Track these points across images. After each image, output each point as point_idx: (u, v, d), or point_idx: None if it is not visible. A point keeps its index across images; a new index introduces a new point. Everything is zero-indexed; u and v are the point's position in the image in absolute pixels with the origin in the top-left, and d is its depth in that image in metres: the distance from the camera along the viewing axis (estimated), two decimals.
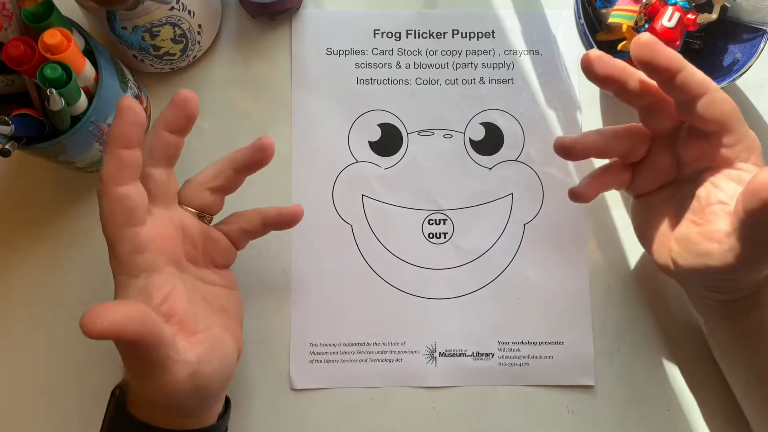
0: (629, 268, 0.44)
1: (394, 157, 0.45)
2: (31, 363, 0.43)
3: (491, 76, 0.46)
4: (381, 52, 0.47)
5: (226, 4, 0.47)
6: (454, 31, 0.47)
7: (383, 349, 0.43)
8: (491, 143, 0.45)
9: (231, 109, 0.46)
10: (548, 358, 0.43)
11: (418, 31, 0.47)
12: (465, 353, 0.43)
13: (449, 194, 0.45)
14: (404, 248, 0.44)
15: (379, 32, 0.47)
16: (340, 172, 0.45)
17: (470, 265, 0.44)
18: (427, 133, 0.45)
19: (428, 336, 0.43)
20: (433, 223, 0.44)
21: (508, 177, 0.45)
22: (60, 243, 0.44)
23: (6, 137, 0.34)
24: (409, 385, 0.43)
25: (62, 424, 0.42)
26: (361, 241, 0.44)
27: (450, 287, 0.44)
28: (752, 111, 0.46)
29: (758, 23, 0.40)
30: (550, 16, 0.47)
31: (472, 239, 0.44)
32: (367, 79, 0.46)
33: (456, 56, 0.47)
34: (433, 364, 0.43)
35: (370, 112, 0.46)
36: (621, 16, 0.40)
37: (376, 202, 0.45)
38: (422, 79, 0.46)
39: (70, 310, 0.43)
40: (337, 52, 0.46)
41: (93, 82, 0.37)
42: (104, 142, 0.40)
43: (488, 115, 0.46)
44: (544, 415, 0.42)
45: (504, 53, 0.47)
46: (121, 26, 0.38)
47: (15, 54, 0.34)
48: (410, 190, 0.45)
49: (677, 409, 0.42)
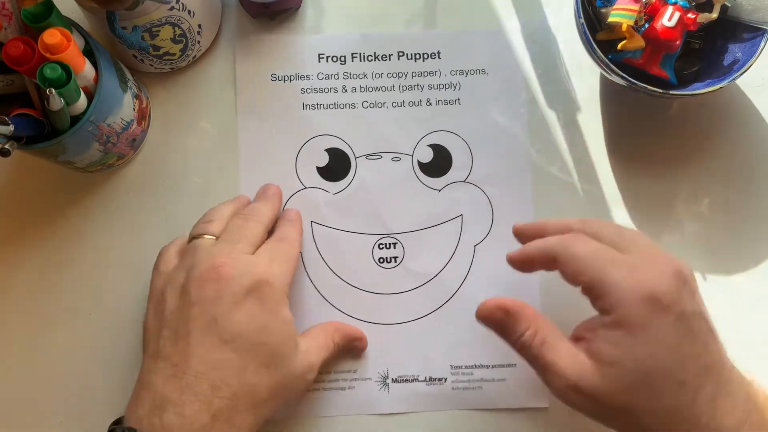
0: None
1: (342, 182, 0.45)
2: (31, 363, 0.43)
3: (438, 98, 0.46)
4: (326, 77, 0.46)
5: (226, 4, 0.47)
6: (400, 53, 0.46)
7: (335, 378, 0.42)
8: (440, 165, 0.45)
9: (230, 109, 0.46)
10: (501, 380, 0.42)
11: (364, 54, 0.46)
12: (418, 378, 0.43)
13: (399, 218, 0.44)
14: (355, 274, 0.44)
15: (324, 56, 0.46)
16: (289, 198, 0.44)
17: (421, 289, 0.44)
18: (375, 156, 0.45)
19: (380, 362, 0.43)
20: (384, 247, 0.44)
21: (457, 198, 0.45)
22: (60, 243, 0.44)
23: (6, 137, 0.34)
24: (363, 412, 0.42)
25: (62, 424, 0.42)
26: (311, 269, 0.44)
27: (401, 312, 0.43)
28: (752, 111, 0.46)
29: (758, 22, 0.40)
30: (550, 16, 0.47)
31: (422, 262, 0.44)
32: (313, 104, 0.46)
33: (402, 78, 0.46)
34: (385, 390, 0.42)
35: (318, 137, 0.45)
36: (621, 16, 0.40)
37: (326, 228, 0.44)
38: (369, 102, 0.46)
39: (70, 310, 0.43)
40: (282, 77, 0.46)
41: (93, 82, 0.37)
42: (103, 142, 0.40)
43: (436, 136, 0.45)
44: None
45: (450, 74, 0.46)
46: (121, 26, 0.38)
47: (15, 54, 0.34)
48: (360, 215, 0.44)
49: None
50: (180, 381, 0.34)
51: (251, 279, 0.36)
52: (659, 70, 0.42)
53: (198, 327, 0.35)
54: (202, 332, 0.35)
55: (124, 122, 0.41)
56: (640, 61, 0.42)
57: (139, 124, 0.43)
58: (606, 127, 0.46)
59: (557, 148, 0.45)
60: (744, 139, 0.46)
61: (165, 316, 0.36)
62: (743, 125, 0.46)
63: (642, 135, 0.46)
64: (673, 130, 0.46)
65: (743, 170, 0.45)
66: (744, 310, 0.43)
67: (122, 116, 0.40)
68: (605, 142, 0.46)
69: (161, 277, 0.38)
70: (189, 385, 0.34)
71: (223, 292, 0.35)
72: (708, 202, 0.45)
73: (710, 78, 0.41)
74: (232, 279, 0.36)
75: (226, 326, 0.35)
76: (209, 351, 0.34)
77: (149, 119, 0.45)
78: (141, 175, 0.45)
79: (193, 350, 0.34)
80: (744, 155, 0.45)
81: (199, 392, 0.34)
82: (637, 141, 0.46)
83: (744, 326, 0.43)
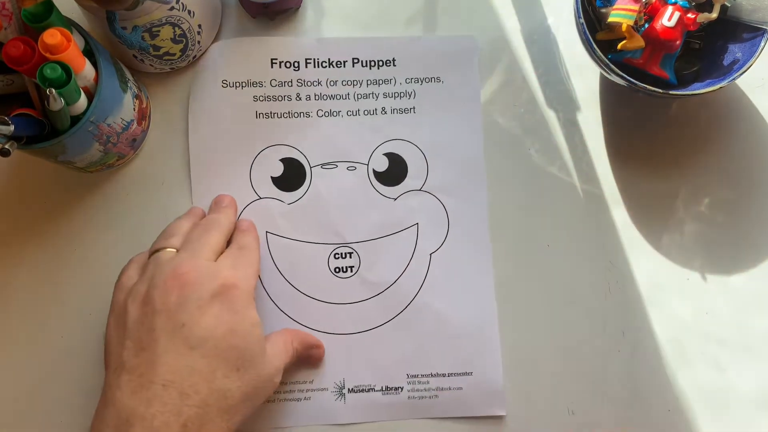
0: (629, 267, 0.44)
1: (297, 192, 0.44)
2: (31, 363, 0.43)
3: (393, 106, 0.46)
4: (280, 84, 0.45)
5: (226, 4, 0.47)
6: (355, 59, 0.46)
7: (291, 388, 0.42)
8: (395, 174, 0.45)
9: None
10: (458, 389, 0.42)
11: (318, 59, 0.46)
12: (374, 388, 0.42)
13: (355, 227, 0.44)
14: (310, 284, 0.43)
15: (276, 62, 0.46)
16: (243, 209, 0.44)
17: (377, 298, 0.43)
18: (331, 166, 0.45)
19: (336, 372, 0.42)
20: (339, 257, 0.44)
21: (413, 207, 0.44)
22: (60, 243, 0.44)
23: (6, 137, 0.34)
24: (319, 423, 0.42)
25: (62, 424, 0.42)
26: (266, 279, 0.43)
27: (357, 321, 0.43)
28: (752, 111, 0.46)
29: (758, 22, 0.40)
30: (550, 16, 0.47)
31: (378, 272, 0.44)
32: (266, 113, 0.45)
33: (357, 86, 0.46)
34: (342, 400, 0.42)
35: (272, 147, 0.45)
36: (621, 16, 0.40)
37: (281, 239, 0.44)
38: (323, 111, 0.45)
39: (70, 310, 0.43)
40: (233, 84, 0.45)
41: (93, 82, 0.37)
42: (103, 142, 0.40)
43: (391, 145, 0.45)
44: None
45: (405, 81, 0.46)
46: (121, 26, 0.38)
47: (15, 54, 0.34)
48: (315, 225, 0.44)
49: (677, 409, 0.42)
50: (146, 392, 0.32)
51: (217, 283, 0.36)
52: (659, 70, 0.42)
53: (164, 334, 0.34)
54: (168, 339, 0.34)
55: (124, 122, 0.41)
56: (640, 61, 0.42)
57: (139, 124, 0.43)
58: (606, 127, 0.46)
59: (557, 148, 0.45)
60: (744, 139, 0.46)
61: (127, 326, 0.35)
62: (743, 125, 0.46)
63: (642, 135, 0.46)
64: (673, 130, 0.46)
65: (743, 170, 0.45)
66: (744, 310, 0.43)
67: (122, 116, 0.40)
68: (605, 142, 0.46)
69: (123, 291, 0.37)
70: (156, 396, 0.32)
71: (189, 297, 0.35)
72: (708, 202, 0.45)
73: (710, 78, 0.41)
74: (197, 284, 0.35)
75: (194, 331, 0.34)
76: (176, 358, 0.33)
77: (149, 119, 0.45)
78: (141, 175, 0.45)
79: (159, 358, 0.33)
80: (744, 155, 0.45)
81: (168, 402, 0.32)
82: (637, 141, 0.46)
83: (744, 326, 0.43)
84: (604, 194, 0.45)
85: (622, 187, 0.45)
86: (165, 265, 0.36)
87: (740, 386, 0.43)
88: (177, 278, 0.35)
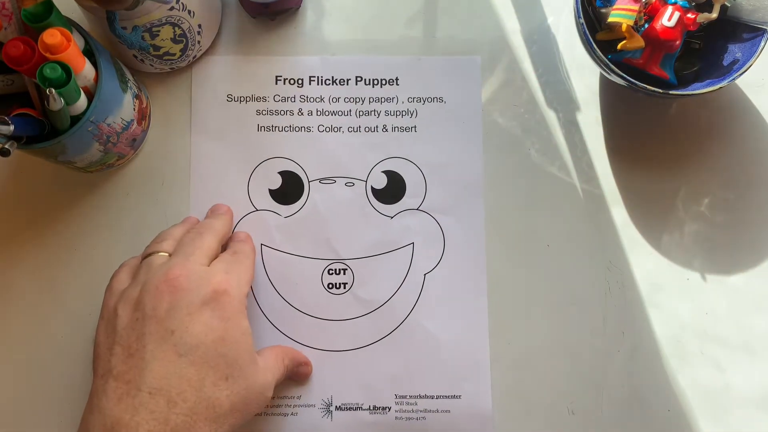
0: (629, 267, 0.44)
1: (294, 206, 0.44)
2: (31, 363, 0.43)
3: (394, 124, 0.46)
4: (283, 99, 0.46)
5: (226, 4, 0.47)
6: (358, 78, 0.46)
7: (278, 403, 0.42)
8: (393, 192, 0.45)
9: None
10: (445, 412, 0.42)
11: (321, 77, 0.46)
12: (362, 407, 0.42)
13: (350, 243, 0.44)
14: (302, 299, 0.43)
15: (281, 78, 0.46)
16: (240, 220, 0.44)
17: (369, 316, 0.43)
18: (329, 181, 0.45)
19: (324, 389, 0.42)
20: (333, 273, 0.44)
21: (409, 226, 0.44)
22: (60, 243, 0.44)
23: (6, 137, 0.34)
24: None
25: (62, 423, 0.42)
26: (259, 292, 0.43)
27: (348, 339, 0.43)
28: (752, 111, 0.46)
29: (758, 22, 0.40)
30: (550, 16, 0.47)
31: (371, 290, 0.44)
32: (268, 126, 0.45)
33: (359, 103, 0.46)
34: (328, 418, 0.42)
35: (271, 159, 0.45)
36: (621, 16, 0.40)
37: (276, 252, 0.44)
38: (325, 126, 0.45)
39: (70, 310, 0.43)
40: (237, 98, 0.46)
41: (93, 82, 0.37)
42: (103, 142, 0.40)
43: (391, 163, 0.45)
44: None
45: (407, 100, 0.46)
46: (121, 26, 0.38)
47: (15, 54, 0.34)
48: (310, 240, 0.44)
49: (677, 409, 0.42)
50: (133, 400, 0.32)
51: (208, 289, 0.35)
52: (659, 70, 0.42)
53: (153, 340, 0.33)
54: (158, 345, 0.33)
55: (124, 122, 0.41)
56: (640, 61, 0.42)
57: (139, 124, 0.43)
58: (606, 127, 0.46)
59: (557, 148, 0.45)
60: (744, 139, 0.46)
61: (117, 332, 0.35)
62: (743, 125, 0.46)
63: (642, 135, 0.46)
64: (673, 130, 0.46)
65: (743, 170, 0.45)
66: (744, 310, 0.43)
67: (122, 116, 0.40)
68: (605, 142, 0.46)
69: (114, 296, 0.37)
70: (143, 404, 0.32)
71: (179, 304, 0.34)
72: (708, 202, 0.45)
73: (710, 78, 0.41)
74: (188, 290, 0.35)
75: (184, 338, 0.34)
76: (165, 365, 0.33)
77: (149, 119, 0.45)
78: (141, 175, 0.45)
79: (148, 365, 0.33)
80: (744, 155, 0.45)
81: (155, 410, 0.32)
82: (637, 141, 0.46)
83: (743, 326, 0.43)
84: (603, 194, 0.45)
85: (621, 187, 0.45)
86: (157, 270, 0.36)
87: (740, 386, 0.43)
88: (168, 283, 0.35)
